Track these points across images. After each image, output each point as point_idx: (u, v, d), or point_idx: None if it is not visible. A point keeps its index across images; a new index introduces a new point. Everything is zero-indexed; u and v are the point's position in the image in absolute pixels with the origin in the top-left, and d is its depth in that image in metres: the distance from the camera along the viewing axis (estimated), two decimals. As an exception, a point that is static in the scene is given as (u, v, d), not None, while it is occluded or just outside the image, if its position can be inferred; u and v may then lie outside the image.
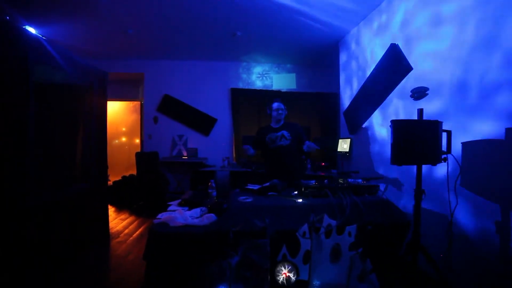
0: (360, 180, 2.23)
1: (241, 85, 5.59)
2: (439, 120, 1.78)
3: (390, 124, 1.75)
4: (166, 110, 5.49)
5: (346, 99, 4.13)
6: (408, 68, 2.66)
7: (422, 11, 2.52)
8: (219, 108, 5.53)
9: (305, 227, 1.74)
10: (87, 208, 2.90)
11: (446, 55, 2.22)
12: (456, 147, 2.00)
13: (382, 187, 2.93)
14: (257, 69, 5.65)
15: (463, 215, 2.00)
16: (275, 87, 5.62)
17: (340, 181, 2.19)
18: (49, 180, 2.42)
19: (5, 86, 1.98)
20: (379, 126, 3.22)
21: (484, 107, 1.90)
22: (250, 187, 2.35)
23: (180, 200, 2.29)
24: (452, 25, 2.18)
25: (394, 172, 2.85)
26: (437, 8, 2.33)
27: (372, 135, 3.37)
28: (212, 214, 1.91)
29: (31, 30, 2.20)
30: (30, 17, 3.37)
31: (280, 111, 2.78)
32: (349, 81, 4.04)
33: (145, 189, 4.78)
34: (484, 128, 1.88)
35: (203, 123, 5.51)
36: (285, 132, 2.75)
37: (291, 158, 2.75)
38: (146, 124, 5.53)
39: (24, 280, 2.01)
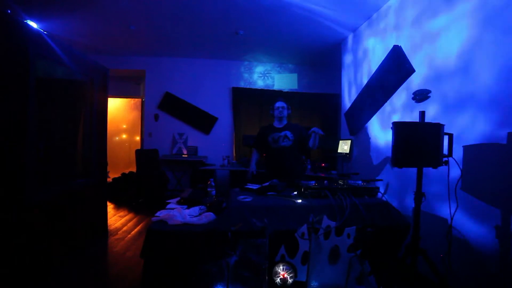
0: (360, 182, 2.21)
1: (242, 84, 5.58)
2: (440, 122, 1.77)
3: (391, 126, 1.73)
4: (167, 108, 5.48)
5: (347, 100, 4.12)
6: (411, 71, 2.65)
7: (426, 13, 2.51)
8: (220, 107, 5.52)
9: (304, 228, 1.73)
10: (86, 204, 2.89)
11: (451, 60, 2.21)
12: (458, 151, 1.99)
13: (382, 189, 2.92)
14: (259, 69, 5.64)
15: (463, 219, 1.99)
16: (276, 87, 5.61)
17: (340, 182, 2.17)
18: (50, 175, 2.41)
19: (5, 80, 1.97)
20: (380, 127, 3.21)
21: (487, 111, 1.89)
22: (250, 187, 2.34)
23: (179, 198, 2.28)
24: (459, 29, 2.16)
25: (394, 174, 2.84)
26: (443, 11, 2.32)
27: (373, 136, 3.36)
28: (211, 213, 1.90)
29: (32, 24, 2.19)
30: (32, 11, 3.35)
31: (281, 109, 2.77)
32: (350, 82, 4.03)
33: (144, 187, 4.77)
34: (486, 132, 1.87)
35: (203, 121, 5.50)
36: (288, 133, 2.74)
37: (292, 159, 2.75)
38: (147, 122, 5.52)
39: (23, 275, 2.00)
